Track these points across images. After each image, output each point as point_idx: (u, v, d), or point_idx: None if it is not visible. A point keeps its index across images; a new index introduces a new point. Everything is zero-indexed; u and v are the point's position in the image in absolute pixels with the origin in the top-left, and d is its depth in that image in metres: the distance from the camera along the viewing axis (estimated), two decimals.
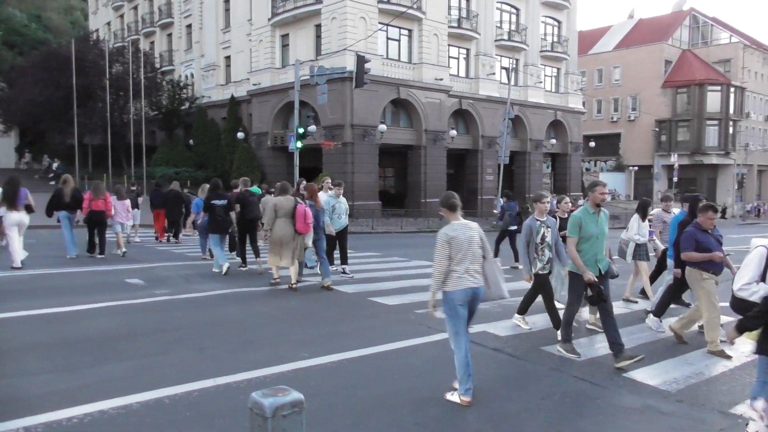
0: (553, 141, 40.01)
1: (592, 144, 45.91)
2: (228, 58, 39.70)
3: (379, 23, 28.70)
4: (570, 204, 9.36)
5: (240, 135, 33.20)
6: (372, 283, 10.54)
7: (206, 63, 41.15)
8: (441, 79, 31.75)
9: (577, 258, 6.02)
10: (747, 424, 4.41)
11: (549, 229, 7.07)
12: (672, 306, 8.05)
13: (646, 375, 5.68)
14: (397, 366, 5.86)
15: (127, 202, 14.62)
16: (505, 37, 36.70)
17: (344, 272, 11.06)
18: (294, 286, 9.66)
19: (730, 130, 51.13)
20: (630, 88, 53.36)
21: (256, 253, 11.98)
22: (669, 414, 4.76)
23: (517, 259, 14.23)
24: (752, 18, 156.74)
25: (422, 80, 30.93)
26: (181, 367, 5.52)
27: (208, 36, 40.74)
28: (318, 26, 30.13)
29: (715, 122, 50.41)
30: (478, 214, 32.05)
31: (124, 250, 13.51)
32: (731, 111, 50.83)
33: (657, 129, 51.82)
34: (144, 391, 4.81)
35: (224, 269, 10.94)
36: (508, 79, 31.82)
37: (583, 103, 44.80)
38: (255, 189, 11.38)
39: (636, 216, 9.22)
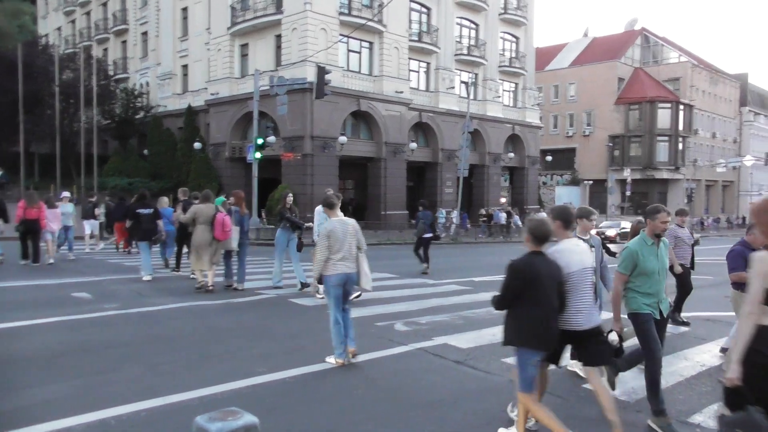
0: (511, 155, 40.66)
1: (549, 158, 46.88)
2: (185, 66, 39.03)
3: (340, 35, 28.71)
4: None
5: (197, 145, 32.58)
6: None
7: (162, 71, 40.35)
8: (401, 92, 31.93)
9: (617, 300, 4.94)
10: None
11: (593, 250, 5.32)
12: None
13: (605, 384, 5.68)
14: (359, 379, 5.72)
15: (58, 210, 14.49)
16: (465, 51, 37.23)
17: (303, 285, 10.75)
18: (210, 288, 10.34)
19: (680, 146, 52.98)
20: (585, 104, 54.80)
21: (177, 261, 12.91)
22: (629, 424, 4.75)
23: (427, 263, 14.54)
24: (700, 38, 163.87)
25: (383, 93, 31.03)
26: (131, 385, 5.25)
27: (165, 44, 40.00)
28: (278, 36, 29.93)
29: (666, 138, 52.17)
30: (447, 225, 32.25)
31: (52, 260, 13.61)
32: (680, 128, 52.71)
33: (611, 144, 53.27)
34: (89, 412, 4.53)
35: (147, 277, 11.48)
36: (468, 93, 32.23)
37: (540, 118, 45.75)
38: (219, 200, 11.18)
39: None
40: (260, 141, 21.92)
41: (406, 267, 15.71)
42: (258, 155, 22.01)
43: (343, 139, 28.85)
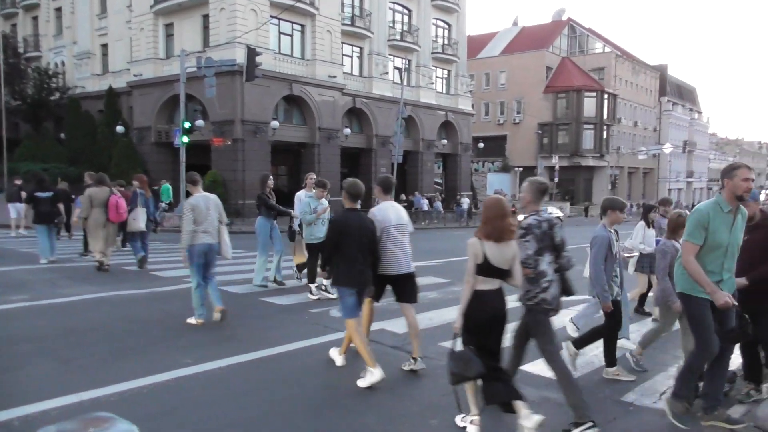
0: (445, 141, 41.05)
1: (481, 145, 47.73)
2: (105, 46, 36.86)
3: (271, 16, 27.89)
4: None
5: (119, 129, 30.91)
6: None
7: (79, 50, 37.95)
8: (335, 77, 31.47)
9: (701, 272, 4.06)
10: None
11: (617, 242, 5.46)
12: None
13: (541, 367, 5.65)
14: (291, 368, 5.49)
15: None
16: (398, 37, 37.12)
17: (326, 290, 8.84)
18: (106, 267, 10.73)
19: (604, 134, 55.13)
20: (515, 92, 56.04)
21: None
22: (564, 404, 4.75)
23: None
24: (623, 29, 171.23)
25: (316, 77, 30.47)
26: (40, 383, 4.80)
27: (82, 21, 37.61)
28: (206, 16, 28.74)
29: (591, 126, 54.17)
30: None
31: None
32: (605, 116, 54.83)
33: (540, 132, 54.81)
34: None
35: (44, 261, 11.52)
36: (401, 79, 32.18)
37: (472, 106, 46.37)
38: (165, 187, 10.95)
39: (641, 223, 8.19)
40: (187, 125, 20.98)
41: None
42: (185, 140, 21.09)
43: (275, 123, 28.14)
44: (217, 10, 27.68)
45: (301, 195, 9.51)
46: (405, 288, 5.75)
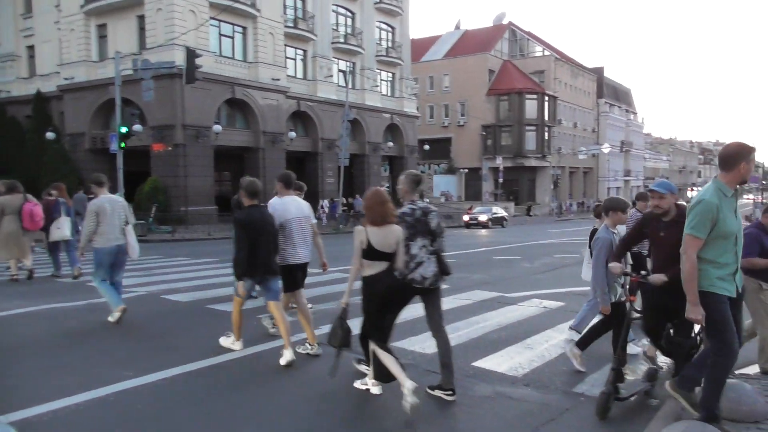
0: (391, 144, 41.18)
1: (427, 147, 48.15)
2: (31, 47, 35.14)
3: (210, 17, 27.27)
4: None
5: (50, 135, 29.49)
6: (209, 290, 9.68)
7: (3, 52, 36.03)
8: (278, 80, 31.07)
9: (693, 275, 3.75)
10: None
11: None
12: None
13: (493, 363, 5.71)
14: (239, 376, 5.29)
15: None
16: (342, 40, 37.03)
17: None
18: (16, 277, 10.44)
19: (546, 135, 56.64)
20: (459, 95, 56.85)
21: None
22: (519, 399, 4.77)
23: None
24: (561, 34, 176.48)
25: (258, 80, 30.00)
26: None
27: (5, 21, 35.71)
28: (141, 17, 27.83)
29: (533, 128, 55.53)
30: (318, 216, 31.82)
31: None
32: (546, 118, 56.33)
33: (483, 134, 55.77)
34: None
35: None
36: (346, 82, 32.08)
37: (417, 108, 46.76)
38: (118, 195, 10.17)
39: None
40: (124, 130, 20.19)
41: None
42: (122, 145, 20.30)
43: (217, 128, 27.51)
44: (154, 10, 26.85)
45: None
46: (300, 275, 6.24)
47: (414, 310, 8.07)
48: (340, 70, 36.14)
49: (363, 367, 5.26)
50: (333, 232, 28.00)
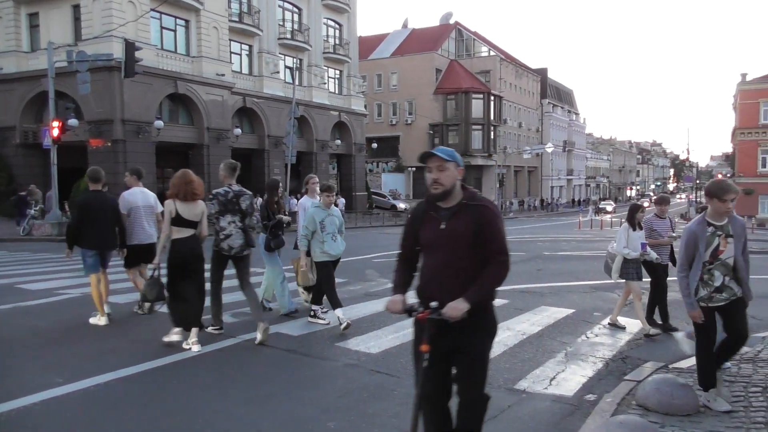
0: (338, 142, 40.98)
1: (375, 145, 48.13)
2: None
3: (151, 9, 26.38)
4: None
5: None
6: None
7: None
8: (223, 75, 30.37)
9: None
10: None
11: (728, 240, 4.29)
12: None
13: None
14: (182, 379, 5.10)
15: None
16: (289, 36, 36.55)
17: (314, 315, 7.31)
18: None
19: (492, 134, 57.61)
20: (406, 94, 57.11)
21: None
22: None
23: None
24: (506, 34, 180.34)
25: (202, 75, 29.23)
26: None
27: None
28: (76, 7, 26.59)
29: (479, 127, 56.36)
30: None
31: None
32: (492, 117, 57.29)
33: (431, 132, 56.22)
34: None
35: None
36: (293, 78, 31.66)
37: (365, 106, 46.68)
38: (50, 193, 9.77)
39: (625, 225, 7.25)
40: (56, 124, 19.28)
41: None
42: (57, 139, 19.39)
43: (159, 123, 26.63)
44: (90, 0, 25.75)
45: (305, 203, 7.80)
46: (150, 255, 7.05)
47: (356, 310, 8.05)
48: (286, 67, 35.62)
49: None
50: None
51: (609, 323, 7.40)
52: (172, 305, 6.02)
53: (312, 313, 7.22)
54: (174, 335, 6.01)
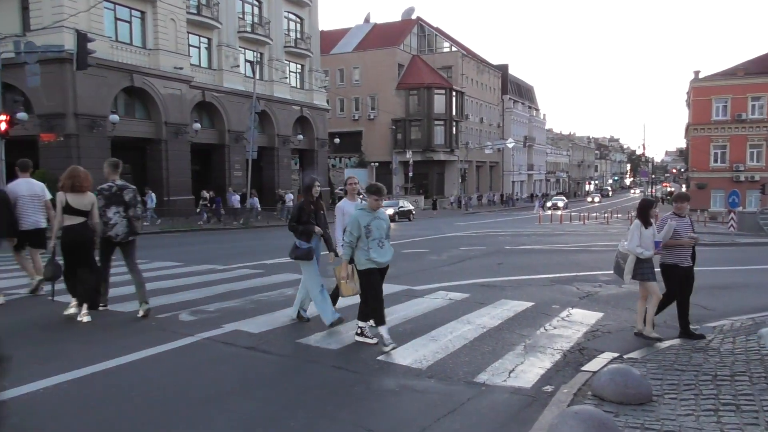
0: (301, 137, 40.65)
1: (337, 141, 47.90)
2: None
3: (104, 0, 25.61)
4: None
5: None
6: None
7: None
8: (181, 68, 29.75)
9: None
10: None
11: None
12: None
13: (398, 356, 5.71)
14: (136, 380, 4.95)
15: None
16: (249, 29, 36.02)
17: (360, 333, 6.30)
18: None
19: (454, 130, 58.02)
20: (369, 89, 57.01)
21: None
22: (422, 391, 4.79)
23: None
24: (468, 30, 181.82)
25: (160, 68, 28.56)
26: None
27: None
28: None
29: (442, 122, 56.70)
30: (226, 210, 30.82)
31: None
32: (454, 113, 57.69)
33: (394, 128, 56.29)
34: None
35: None
36: (253, 72, 31.25)
37: (328, 101, 46.42)
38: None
39: (637, 222, 6.64)
40: (5, 117, 18.57)
41: (193, 254, 14.78)
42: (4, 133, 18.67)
43: (114, 117, 25.89)
44: None
45: (345, 207, 7.03)
46: (35, 239, 8.46)
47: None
48: (247, 60, 35.09)
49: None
50: (242, 227, 27.28)
51: (636, 333, 6.65)
52: (67, 282, 7.01)
53: (359, 330, 6.25)
54: (71, 308, 7.01)
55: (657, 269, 6.70)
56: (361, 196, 7.01)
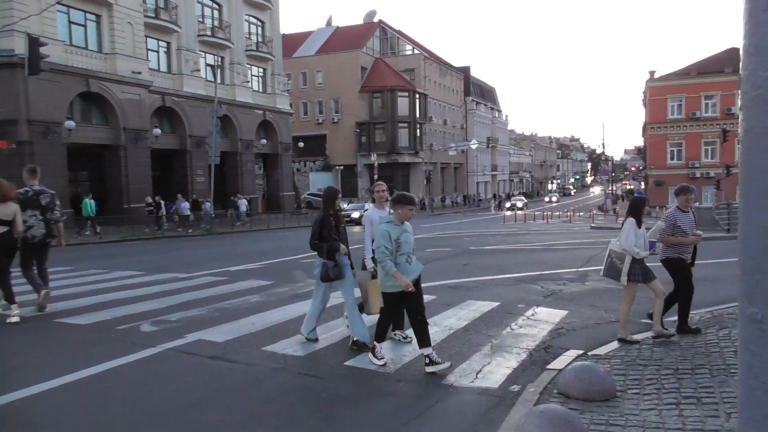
0: (264, 141, 40.25)
1: (301, 144, 47.61)
2: None
3: (57, 2, 24.87)
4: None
5: None
6: (61, 302, 8.77)
7: None
8: (139, 73, 29.13)
9: None
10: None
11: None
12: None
13: (365, 360, 5.67)
14: (95, 395, 4.80)
15: None
16: (209, 32, 35.51)
17: (430, 362, 5.31)
18: None
19: (418, 132, 58.24)
20: (332, 92, 56.83)
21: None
22: (390, 395, 4.77)
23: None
24: (430, 33, 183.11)
25: (117, 72, 27.91)
26: None
27: None
28: None
29: (406, 125, 56.85)
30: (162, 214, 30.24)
31: None
32: (418, 115, 57.92)
33: (358, 130, 56.24)
34: None
35: None
36: (214, 76, 30.82)
37: (291, 105, 46.09)
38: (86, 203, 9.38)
39: (630, 220, 6.16)
40: None
41: (155, 263, 14.45)
42: None
43: (70, 124, 25.15)
44: None
45: (373, 216, 6.37)
46: None
47: (284, 313, 7.90)
48: (207, 65, 34.60)
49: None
50: (204, 234, 26.83)
51: (653, 336, 6.18)
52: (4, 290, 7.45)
53: (426, 360, 5.35)
54: (14, 317, 7.33)
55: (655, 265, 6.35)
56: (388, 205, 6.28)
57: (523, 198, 64.96)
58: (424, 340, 5.35)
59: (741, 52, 1.05)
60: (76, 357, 5.81)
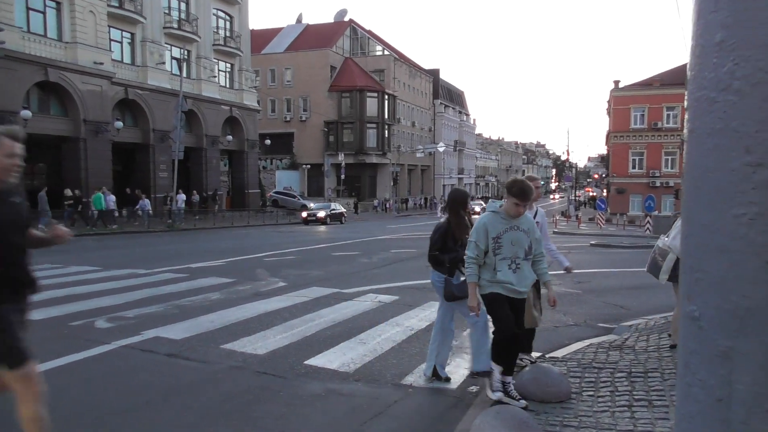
0: (230, 138, 39.69)
1: (268, 142, 47.14)
2: None
3: None
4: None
5: None
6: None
7: None
8: (101, 64, 28.36)
9: None
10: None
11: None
12: None
13: (325, 360, 5.64)
14: (49, 392, 4.62)
15: None
16: (175, 25, 34.83)
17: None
18: None
19: (386, 133, 58.33)
20: (301, 90, 56.46)
21: None
22: (349, 394, 4.75)
23: None
24: (400, 34, 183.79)
25: (78, 62, 27.12)
26: None
27: None
28: None
29: (374, 125, 56.86)
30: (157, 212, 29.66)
31: None
32: (386, 116, 57.99)
33: (326, 130, 56.01)
34: None
35: None
36: (180, 69, 30.28)
37: (258, 102, 45.61)
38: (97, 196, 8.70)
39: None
40: None
41: (114, 258, 14.12)
42: None
43: (26, 113, 24.27)
44: None
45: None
46: None
47: (244, 311, 7.81)
48: (173, 58, 33.94)
49: None
50: (167, 229, 26.35)
51: (671, 346, 5.77)
52: None
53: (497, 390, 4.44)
54: None
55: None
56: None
57: (482, 202, 62.95)
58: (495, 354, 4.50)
59: (689, 53, 1.07)
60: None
